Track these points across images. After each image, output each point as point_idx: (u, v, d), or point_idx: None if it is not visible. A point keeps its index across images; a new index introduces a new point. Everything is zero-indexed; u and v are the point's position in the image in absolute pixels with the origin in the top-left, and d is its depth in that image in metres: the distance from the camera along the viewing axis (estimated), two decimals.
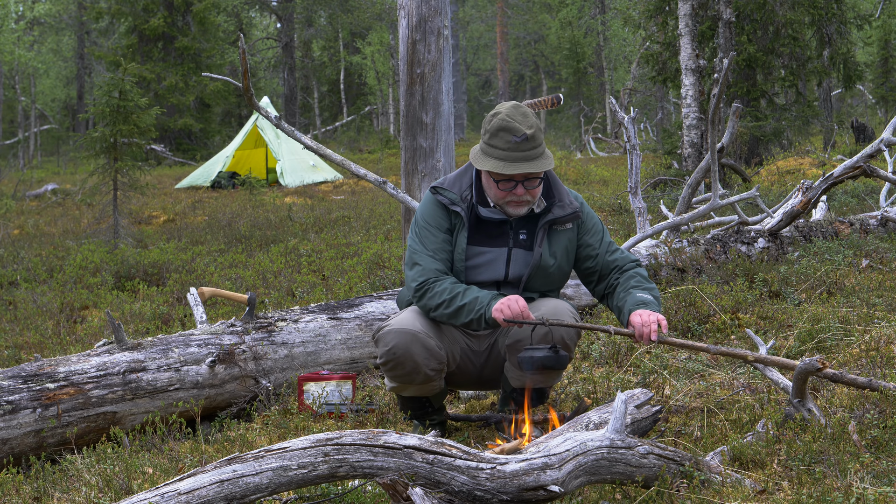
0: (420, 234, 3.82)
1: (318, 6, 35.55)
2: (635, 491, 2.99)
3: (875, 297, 5.42)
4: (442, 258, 3.77)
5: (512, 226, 3.80)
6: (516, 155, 3.62)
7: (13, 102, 35.78)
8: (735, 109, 6.72)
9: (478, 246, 3.80)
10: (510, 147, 3.62)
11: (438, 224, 3.80)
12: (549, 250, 3.80)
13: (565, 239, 3.83)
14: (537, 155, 3.65)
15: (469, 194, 3.79)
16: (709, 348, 3.59)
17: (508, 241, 3.80)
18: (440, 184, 3.85)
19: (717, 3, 14.50)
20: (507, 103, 3.75)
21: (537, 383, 3.79)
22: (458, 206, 3.77)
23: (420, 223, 3.83)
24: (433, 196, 3.84)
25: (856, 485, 2.88)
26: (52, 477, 3.62)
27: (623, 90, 28.93)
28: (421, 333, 3.68)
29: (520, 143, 3.61)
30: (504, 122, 3.64)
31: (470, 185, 3.81)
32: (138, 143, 10.95)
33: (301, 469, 2.64)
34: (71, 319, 7.08)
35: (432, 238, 3.79)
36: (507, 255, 3.80)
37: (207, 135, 28.07)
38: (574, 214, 3.81)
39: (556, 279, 3.87)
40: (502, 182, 3.68)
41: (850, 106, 31.41)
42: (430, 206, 3.84)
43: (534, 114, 3.72)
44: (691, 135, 13.87)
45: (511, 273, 3.80)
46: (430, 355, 3.69)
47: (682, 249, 6.68)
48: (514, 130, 3.62)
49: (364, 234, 10.46)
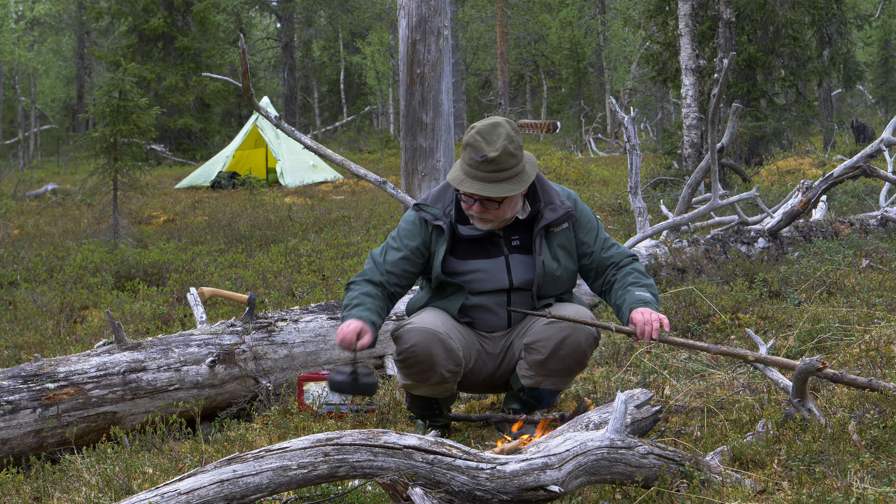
0: (387, 245, 3.85)
1: (318, 6, 35.56)
2: (635, 491, 2.99)
3: (875, 297, 5.42)
4: (390, 273, 3.77)
5: (501, 234, 3.79)
6: (475, 174, 3.58)
7: (13, 102, 35.80)
8: (735, 109, 6.72)
9: (472, 259, 3.78)
10: (472, 164, 3.59)
11: (407, 243, 3.80)
12: (550, 255, 3.78)
13: (563, 240, 3.82)
14: (496, 179, 3.58)
15: (452, 209, 3.78)
16: (709, 348, 3.59)
17: (503, 249, 3.78)
18: (424, 200, 3.85)
19: (717, 3, 14.50)
20: (490, 119, 3.67)
21: (549, 384, 3.79)
22: (441, 220, 3.76)
23: (393, 236, 3.86)
24: (416, 213, 3.84)
25: (856, 485, 2.88)
26: (52, 477, 3.62)
27: (623, 90, 28.94)
28: (443, 334, 3.68)
29: (480, 163, 3.56)
30: (472, 139, 3.60)
31: (452, 199, 3.80)
32: (138, 143, 10.95)
33: (301, 469, 2.64)
34: (71, 319, 7.08)
35: (393, 253, 3.80)
36: (506, 263, 3.78)
37: (207, 135, 28.08)
38: (567, 214, 3.78)
39: (565, 281, 3.86)
40: (464, 195, 3.67)
41: (850, 106, 31.43)
42: (407, 223, 3.85)
43: (513, 135, 3.61)
44: (691, 135, 13.87)
45: (516, 279, 3.78)
46: (449, 357, 3.69)
47: (682, 249, 6.68)
48: (477, 149, 3.57)
49: (364, 234, 10.46)
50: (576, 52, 29.63)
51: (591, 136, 25.84)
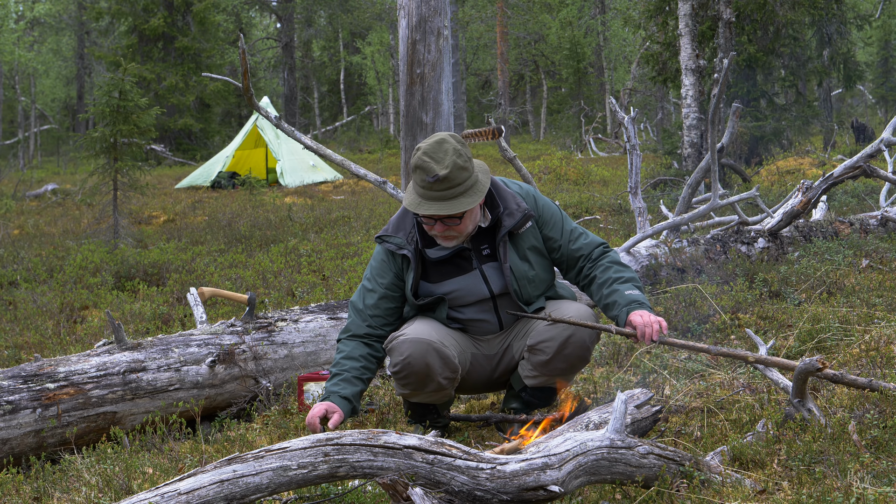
0: (363, 289, 3.85)
1: (318, 6, 35.57)
2: (635, 491, 2.99)
3: (875, 297, 5.42)
4: (374, 316, 3.79)
5: (471, 246, 3.76)
6: (429, 194, 3.56)
7: (13, 102, 35.80)
8: (735, 109, 6.72)
9: (446, 280, 3.76)
10: (425, 186, 3.56)
11: (380, 282, 3.80)
12: (518, 258, 3.76)
13: (531, 239, 3.79)
14: (452, 196, 3.55)
15: (415, 235, 3.75)
16: (709, 349, 3.58)
17: (474, 262, 3.76)
18: (385, 231, 3.82)
19: (717, 3, 14.50)
20: (433, 137, 3.63)
21: (552, 382, 3.80)
22: (406, 249, 3.74)
23: (367, 276, 3.85)
24: (380, 246, 3.83)
25: (856, 485, 2.88)
26: (52, 477, 3.62)
27: (623, 90, 28.95)
28: (436, 342, 3.66)
29: (432, 183, 3.53)
30: (420, 161, 3.55)
31: (413, 225, 3.77)
32: (138, 143, 10.96)
33: (301, 469, 2.64)
34: (71, 319, 7.08)
35: (370, 296, 3.81)
36: (482, 275, 3.76)
37: (207, 135, 28.10)
38: (525, 216, 3.74)
39: (544, 279, 3.84)
40: (423, 218, 3.65)
41: (850, 106, 31.42)
42: (376, 259, 3.84)
43: (460, 148, 3.58)
44: (691, 135, 13.87)
45: (495, 288, 3.77)
46: (445, 365, 3.68)
47: (682, 249, 6.68)
48: (427, 170, 3.53)
49: (364, 234, 10.46)
50: (576, 52, 29.64)
51: (591, 136, 25.85)
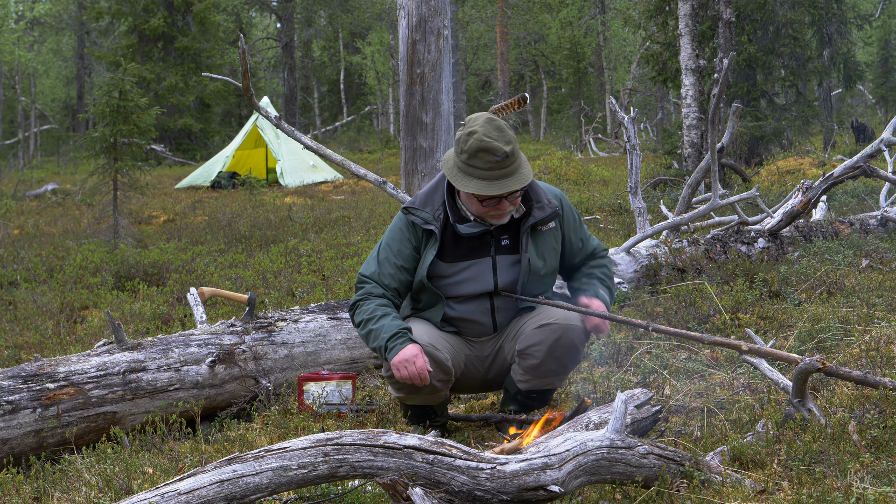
0: (380, 255, 3.80)
1: (318, 6, 35.56)
2: (635, 491, 2.99)
3: (875, 297, 5.42)
4: (392, 286, 3.76)
5: (493, 234, 3.77)
6: (498, 174, 3.56)
7: (13, 102, 35.79)
8: (735, 109, 6.72)
9: (459, 261, 3.75)
10: (491, 167, 3.55)
11: (401, 249, 3.77)
12: (536, 253, 3.77)
13: (551, 239, 3.81)
14: (517, 169, 3.60)
15: (441, 213, 3.74)
16: (702, 337, 3.63)
17: (490, 249, 3.76)
18: (412, 203, 3.80)
19: (717, 3, 14.50)
20: (479, 117, 3.64)
21: (545, 385, 3.80)
22: (432, 224, 3.72)
23: (383, 244, 3.81)
24: (405, 217, 3.79)
25: (856, 485, 2.88)
26: (52, 477, 3.62)
27: (623, 90, 28.95)
28: (428, 346, 3.66)
29: (500, 161, 3.54)
30: (483, 143, 3.54)
31: (442, 202, 3.76)
32: (138, 143, 10.95)
33: (301, 469, 2.64)
34: (71, 319, 7.07)
35: (389, 264, 3.77)
36: (493, 264, 3.77)
37: (207, 135, 28.09)
38: (554, 213, 3.78)
39: (548, 281, 3.86)
40: (486, 200, 3.63)
41: (850, 106, 31.41)
42: (397, 229, 3.80)
43: (507, 124, 3.64)
44: (691, 135, 13.87)
45: (501, 281, 3.78)
46: (439, 368, 3.68)
47: (682, 249, 6.68)
48: (493, 150, 3.53)
49: (364, 234, 10.45)
50: (576, 52, 29.64)
51: (591, 136, 25.84)
